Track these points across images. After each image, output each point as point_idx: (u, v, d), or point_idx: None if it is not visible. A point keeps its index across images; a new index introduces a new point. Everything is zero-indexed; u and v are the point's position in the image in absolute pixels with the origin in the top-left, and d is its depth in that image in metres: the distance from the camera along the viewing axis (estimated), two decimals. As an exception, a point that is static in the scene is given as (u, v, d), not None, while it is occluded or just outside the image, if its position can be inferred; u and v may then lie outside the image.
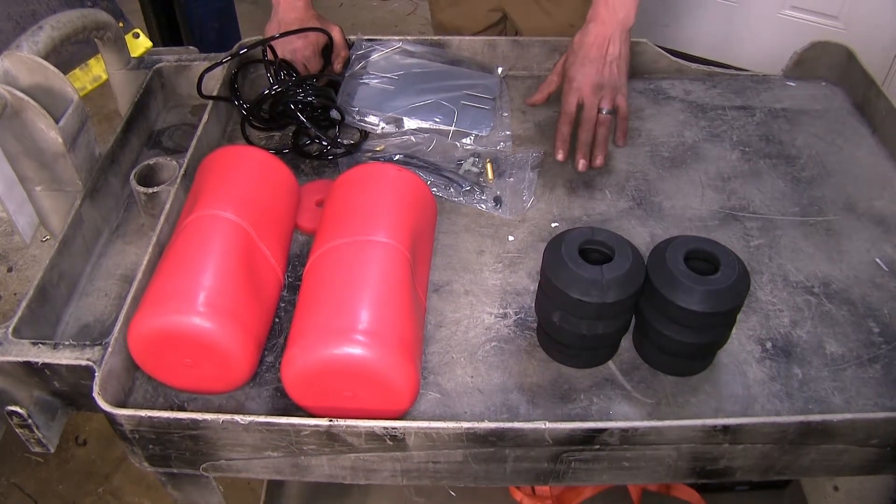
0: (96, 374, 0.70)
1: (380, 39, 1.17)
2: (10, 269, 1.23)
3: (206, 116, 0.99)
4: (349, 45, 1.16)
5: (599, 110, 0.99)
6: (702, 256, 0.73)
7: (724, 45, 2.52)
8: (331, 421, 0.66)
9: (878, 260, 0.89)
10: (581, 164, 0.99)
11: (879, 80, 1.09)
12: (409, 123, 1.06)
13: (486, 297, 0.84)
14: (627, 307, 0.73)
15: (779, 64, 1.20)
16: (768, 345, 0.80)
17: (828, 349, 0.80)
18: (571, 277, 0.70)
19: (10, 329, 0.74)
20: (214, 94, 1.03)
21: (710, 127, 1.09)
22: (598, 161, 0.99)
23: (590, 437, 0.68)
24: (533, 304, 0.83)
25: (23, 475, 1.60)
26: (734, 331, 0.80)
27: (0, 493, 1.57)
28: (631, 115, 1.11)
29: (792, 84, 1.17)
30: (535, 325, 0.81)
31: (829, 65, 1.16)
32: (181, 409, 0.74)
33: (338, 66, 1.14)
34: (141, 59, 1.12)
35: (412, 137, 1.05)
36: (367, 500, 1.27)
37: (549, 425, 0.67)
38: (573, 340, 0.74)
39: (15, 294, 1.66)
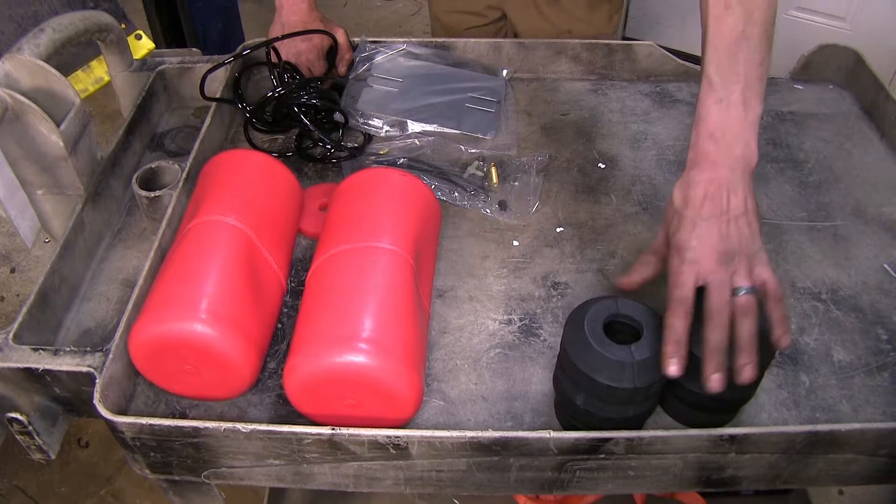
0: (97, 380, 0.69)
1: (384, 41, 1.16)
2: (13, 270, 1.22)
3: (208, 119, 0.98)
4: (353, 48, 1.15)
5: (735, 291, 0.67)
6: None
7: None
8: (333, 429, 0.66)
9: (886, 266, 0.88)
10: (715, 380, 0.64)
11: (887, 82, 1.08)
12: (414, 126, 1.05)
13: (491, 302, 0.84)
14: (661, 387, 0.67)
15: (784, 64, 1.18)
16: (775, 352, 0.79)
17: (835, 357, 0.79)
18: (598, 361, 0.64)
19: (11, 335, 0.74)
20: (217, 96, 1.03)
21: (717, 130, 1.08)
22: (747, 374, 0.64)
23: (595, 447, 0.67)
24: (537, 311, 0.83)
25: (25, 477, 1.60)
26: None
27: (2, 494, 1.57)
28: (636, 119, 1.11)
29: (799, 87, 1.16)
30: (540, 331, 0.80)
31: (837, 68, 1.15)
32: (183, 415, 0.74)
33: (342, 69, 1.13)
34: (143, 60, 1.12)
35: (416, 140, 1.04)
36: (369, 503, 1.27)
37: (553, 434, 0.66)
38: (600, 424, 0.68)
39: (18, 295, 1.66)
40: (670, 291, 0.67)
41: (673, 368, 0.64)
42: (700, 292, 0.67)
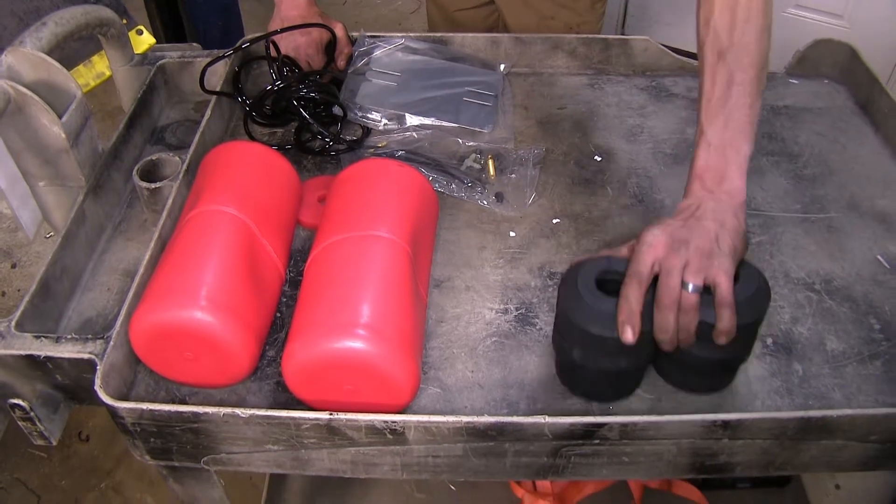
0: (98, 367, 0.70)
1: (383, 36, 1.17)
2: (13, 266, 1.23)
3: (208, 112, 0.99)
4: (352, 42, 1.16)
5: (684, 285, 0.68)
6: None
7: (728, 44, 2.51)
8: (331, 414, 0.66)
9: (879, 257, 0.89)
10: (665, 348, 0.69)
11: (884, 79, 1.08)
12: (412, 120, 1.06)
13: (487, 292, 0.85)
14: (652, 338, 0.69)
15: (783, 62, 1.19)
16: (769, 341, 0.80)
17: (828, 346, 0.80)
18: (591, 313, 0.67)
19: (13, 323, 0.75)
20: (217, 90, 1.04)
21: (713, 124, 1.09)
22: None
23: (589, 432, 0.68)
24: (533, 300, 0.84)
25: (26, 470, 1.61)
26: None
27: (3, 487, 1.58)
28: (633, 113, 1.11)
29: (795, 82, 1.17)
30: (536, 320, 0.81)
31: (832, 63, 1.16)
32: (182, 402, 0.75)
33: (341, 63, 1.14)
34: (144, 55, 1.13)
35: (414, 134, 1.05)
36: (368, 495, 1.27)
37: (548, 420, 0.67)
38: (596, 377, 0.71)
39: (19, 290, 1.67)
40: (629, 268, 0.70)
41: (627, 335, 0.66)
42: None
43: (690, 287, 0.67)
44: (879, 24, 2.17)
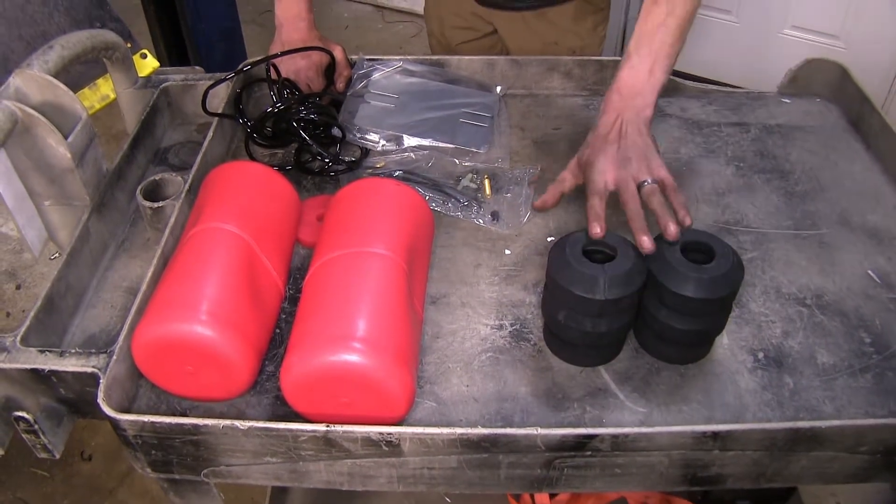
0: (101, 381, 0.72)
1: (381, 59, 1.20)
2: (18, 287, 1.24)
3: (210, 134, 1.01)
4: (351, 65, 1.19)
5: (640, 185, 0.85)
6: (699, 248, 0.77)
7: (725, 65, 2.55)
8: (328, 426, 0.68)
9: (870, 272, 0.91)
10: (645, 241, 0.78)
11: (880, 99, 1.11)
12: (409, 141, 1.08)
13: (483, 308, 0.86)
14: (630, 304, 0.75)
15: (777, 81, 1.21)
16: (760, 355, 0.81)
17: (819, 359, 0.81)
18: (575, 276, 0.73)
19: (19, 337, 0.77)
20: (219, 112, 1.06)
21: (706, 143, 1.11)
22: (672, 231, 0.77)
23: (581, 444, 0.69)
24: (528, 316, 0.85)
25: (28, 489, 1.62)
26: (726, 340, 0.82)
27: (6, 507, 1.59)
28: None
29: (787, 101, 1.19)
30: (530, 335, 0.83)
31: (824, 82, 1.18)
32: (183, 415, 0.76)
33: (340, 85, 1.16)
34: (148, 78, 1.15)
35: (412, 154, 1.07)
36: (368, 512, 1.28)
37: (541, 431, 0.68)
38: (578, 338, 0.76)
39: (23, 311, 1.68)
40: (587, 190, 0.86)
41: (595, 229, 0.79)
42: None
43: (648, 182, 0.84)
44: (875, 44, 2.19)
